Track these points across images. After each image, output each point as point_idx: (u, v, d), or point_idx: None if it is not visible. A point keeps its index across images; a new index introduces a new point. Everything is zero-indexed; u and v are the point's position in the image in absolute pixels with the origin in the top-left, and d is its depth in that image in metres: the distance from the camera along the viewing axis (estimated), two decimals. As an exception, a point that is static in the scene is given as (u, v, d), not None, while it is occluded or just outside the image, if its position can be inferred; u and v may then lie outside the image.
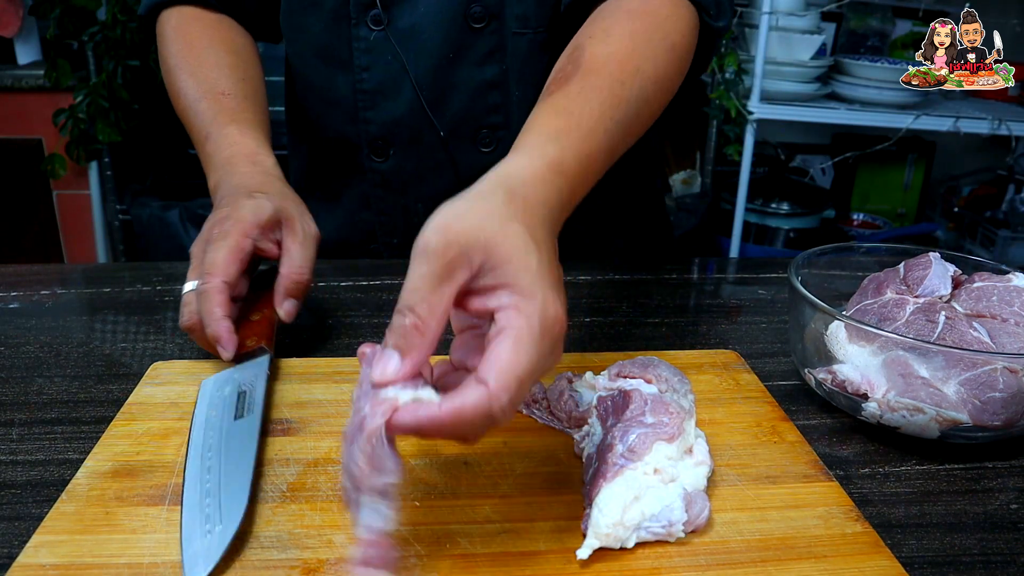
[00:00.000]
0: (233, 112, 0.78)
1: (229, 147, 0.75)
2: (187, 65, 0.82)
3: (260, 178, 0.72)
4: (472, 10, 0.81)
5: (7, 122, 2.17)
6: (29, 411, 0.61)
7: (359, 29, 0.83)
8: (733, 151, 2.13)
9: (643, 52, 0.63)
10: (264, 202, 0.67)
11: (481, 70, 0.84)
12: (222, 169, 0.73)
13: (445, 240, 0.43)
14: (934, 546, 0.50)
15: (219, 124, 0.77)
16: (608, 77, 0.59)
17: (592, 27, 0.66)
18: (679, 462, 0.51)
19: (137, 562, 0.45)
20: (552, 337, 0.43)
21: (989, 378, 0.56)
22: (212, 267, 0.63)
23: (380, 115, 0.86)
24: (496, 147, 0.87)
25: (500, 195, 0.46)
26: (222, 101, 0.79)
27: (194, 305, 0.63)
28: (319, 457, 0.55)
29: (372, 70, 0.85)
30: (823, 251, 0.73)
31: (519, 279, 0.43)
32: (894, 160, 2.64)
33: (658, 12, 0.67)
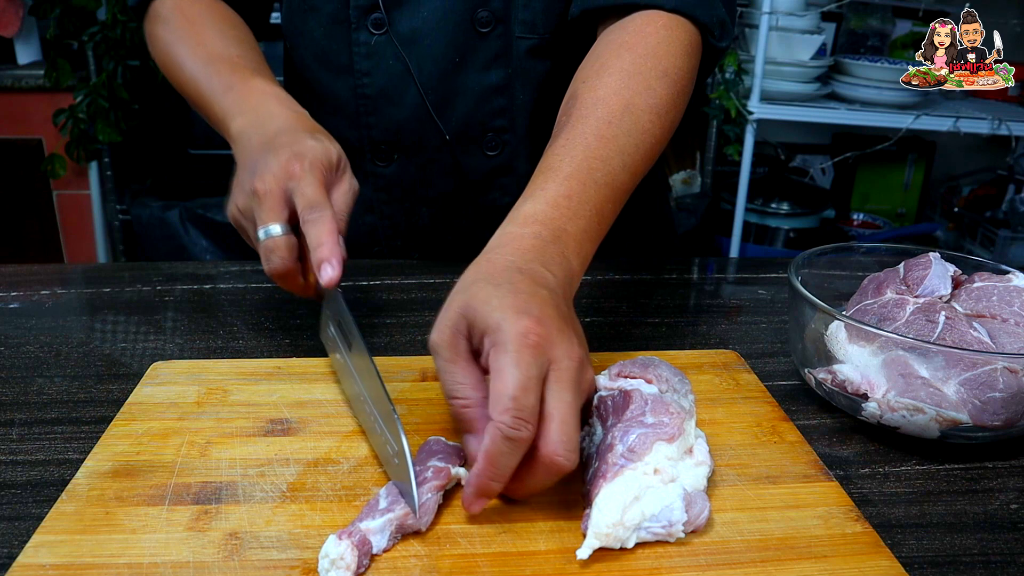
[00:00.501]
0: (252, 70, 0.76)
1: (259, 93, 0.71)
2: (190, 37, 0.80)
3: (307, 121, 0.69)
4: (479, 15, 0.81)
5: (7, 122, 2.16)
6: (29, 411, 0.61)
7: (359, 33, 0.83)
8: (733, 151, 2.14)
9: (634, 86, 0.65)
10: (328, 144, 0.65)
11: (487, 74, 0.84)
12: (254, 112, 0.69)
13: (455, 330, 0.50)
14: (934, 546, 0.50)
15: (241, 77, 0.73)
16: (596, 121, 0.63)
17: (587, 69, 0.69)
18: (679, 462, 0.51)
19: (137, 562, 0.45)
20: (529, 346, 0.47)
21: (989, 378, 0.56)
22: (315, 201, 0.60)
23: (383, 120, 0.86)
24: (501, 151, 0.87)
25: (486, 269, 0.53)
26: (237, 61, 0.76)
27: (285, 248, 0.60)
28: (319, 457, 0.55)
29: (374, 75, 0.84)
30: (823, 251, 0.73)
31: (488, 321, 0.48)
32: (894, 160, 2.64)
33: (650, 40, 0.69)
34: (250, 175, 0.62)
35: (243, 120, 0.70)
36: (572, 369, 0.48)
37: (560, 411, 0.47)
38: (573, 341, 0.49)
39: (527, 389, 0.46)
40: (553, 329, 0.48)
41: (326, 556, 0.44)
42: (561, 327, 0.49)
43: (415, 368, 0.66)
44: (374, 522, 0.46)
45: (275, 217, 0.60)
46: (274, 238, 0.60)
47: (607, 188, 0.60)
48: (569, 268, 0.56)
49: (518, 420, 0.45)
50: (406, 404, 0.61)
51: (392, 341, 0.74)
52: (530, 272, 0.52)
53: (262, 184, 0.61)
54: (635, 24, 0.71)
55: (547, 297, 0.50)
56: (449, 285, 0.87)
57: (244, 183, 0.63)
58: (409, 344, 0.73)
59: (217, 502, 0.50)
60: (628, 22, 0.71)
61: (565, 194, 0.58)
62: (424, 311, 0.80)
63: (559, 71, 0.84)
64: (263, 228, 0.60)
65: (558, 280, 0.53)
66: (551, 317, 0.49)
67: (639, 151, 0.64)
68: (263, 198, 0.61)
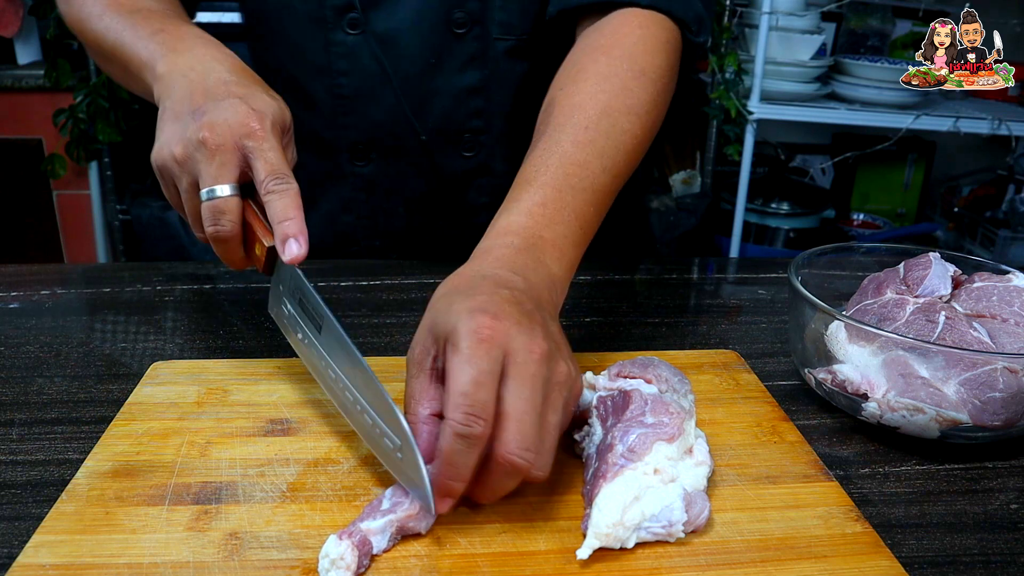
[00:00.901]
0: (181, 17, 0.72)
1: (195, 37, 0.66)
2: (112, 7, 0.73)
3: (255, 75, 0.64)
4: (455, 16, 0.81)
5: (7, 122, 2.16)
6: (29, 411, 0.61)
7: (335, 34, 0.82)
8: (733, 151, 2.13)
9: (611, 89, 0.65)
10: (284, 107, 0.61)
11: (463, 76, 0.83)
12: (190, 53, 0.63)
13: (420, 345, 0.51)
14: (934, 546, 0.50)
15: (173, 23, 0.69)
16: (572, 127, 0.63)
17: (564, 75, 0.69)
18: (679, 462, 0.51)
19: (137, 562, 0.45)
20: (481, 340, 0.46)
21: (989, 378, 0.56)
22: (281, 169, 0.56)
23: (360, 120, 0.85)
24: (478, 152, 0.87)
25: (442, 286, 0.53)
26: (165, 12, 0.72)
27: (235, 212, 0.57)
28: (319, 457, 0.55)
29: (350, 75, 0.84)
30: (823, 251, 0.73)
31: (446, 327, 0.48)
32: (894, 160, 2.64)
33: (626, 41, 0.69)
34: (196, 122, 0.56)
35: (176, 59, 0.63)
36: (532, 363, 0.46)
37: (516, 407, 0.45)
38: (535, 335, 0.47)
39: (479, 384, 0.44)
40: (509, 323, 0.47)
41: (326, 556, 0.44)
42: (520, 320, 0.47)
43: (415, 368, 0.66)
44: (375, 522, 0.46)
45: (226, 175, 0.56)
46: (224, 199, 0.56)
47: (587, 192, 0.60)
48: (546, 273, 0.55)
49: (469, 416, 0.44)
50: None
51: (392, 341, 0.74)
52: (494, 277, 0.51)
53: (214, 136, 0.55)
54: (611, 25, 0.71)
55: (507, 296, 0.49)
56: (449, 285, 0.86)
57: (187, 129, 0.56)
58: (409, 344, 0.73)
59: (217, 502, 0.50)
60: (604, 23, 0.71)
61: (540, 202, 0.58)
62: (424, 311, 0.80)
63: (537, 72, 0.84)
64: (211, 187, 0.55)
65: (528, 283, 0.52)
66: (508, 313, 0.47)
67: (619, 152, 0.64)
68: (213, 151, 0.55)
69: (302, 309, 0.56)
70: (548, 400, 0.47)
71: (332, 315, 0.53)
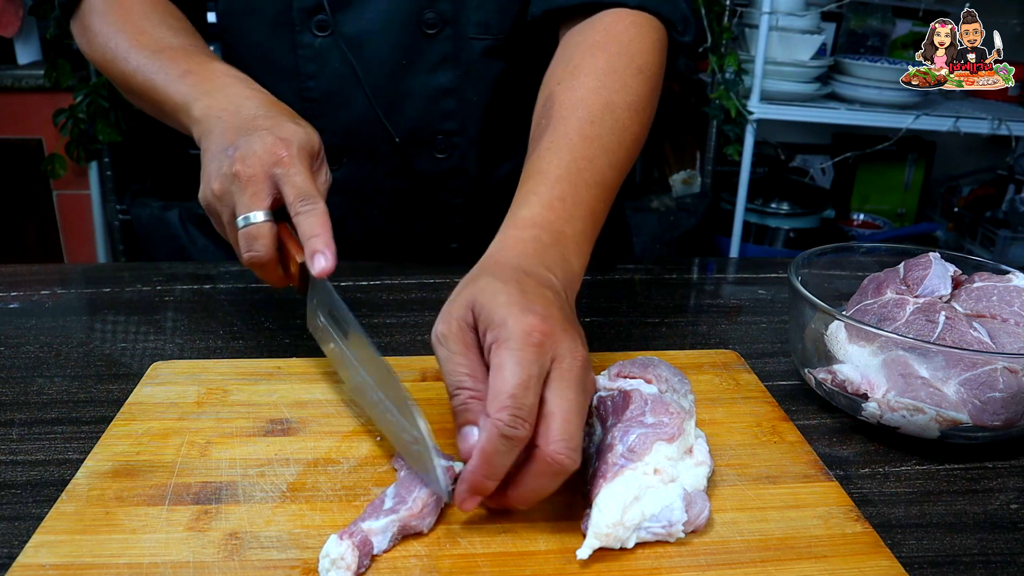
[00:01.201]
0: (208, 55, 0.73)
1: (222, 76, 0.68)
2: (131, 27, 0.75)
3: (284, 106, 0.66)
4: (426, 16, 0.80)
5: (7, 122, 2.16)
6: (29, 411, 0.61)
7: (303, 36, 0.81)
8: (733, 151, 2.13)
9: (611, 85, 0.65)
10: (312, 133, 0.63)
11: (435, 76, 0.82)
12: (222, 94, 0.66)
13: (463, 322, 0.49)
14: (934, 546, 0.50)
15: (199, 62, 0.70)
16: (577, 121, 0.63)
17: (560, 69, 0.68)
18: (679, 462, 0.51)
19: (137, 562, 0.45)
20: (532, 344, 0.46)
21: (989, 378, 0.56)
22: (308, 191, 0.59)
23: (330, 124, 0.84)
24: (451, 153, 0.86)
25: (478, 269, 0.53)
26: (188, 49, 0.72)
27: (269, 237, 0.59)
28: (319, 457, 0.55)
29: (319, 78, 0.82)
30: (823, 251, 0.73)
31: (494, 316, 0.47)
32: (894, 160, 2.64)
33: (622, 38, 0.69)
34: (228, 157, 0.60)
35: (209, 101, 0.66)
36: (576, 368, 0.47)
37: (562, 409, 0.46)
38: (577, 341, 0.49)
39: (527, 387, 0.45)
40: (557, 328, 0.48)
41: (326, 556, 0.44)
42: (565, 327, 0.49)
43: (415, 368, 0.66)
44: (377, 522, 0.46)
45: (259, 203, 0.58)
46: (257, 225, 0.58)
47: (597, 188, 0.61)
48: (570, 270, 0.56)
49: (516, 418, 0.45)
50: (406, 404, 0.61)
51: (392, 341, 0.74)
52: (535, 274, 0.52)
53: (245, 168, 0.58)
54: (604, 23, 0.70)
55: (552, 298, 0.50)
56: (449, 285, 0.87)
57: (222, 166, 0.60)
58: (409, 344, 0.73)
59: (217, 502, 0.50)
60: (596, 21, 0.71)
61: (559, 196, 0.58)
62: (424, 311, 0.80)
63: (514, 72, 0.83)
64: (245, 215, 0.58)
65: (560, 282, 0.53)
66: (555, 317, 0.48)
67: (622, 148, 0.64)
68: (246, 183, 0.58)
69: (332, 319, 0.58)
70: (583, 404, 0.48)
71: (355, 319, 0.55)
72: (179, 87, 0.68)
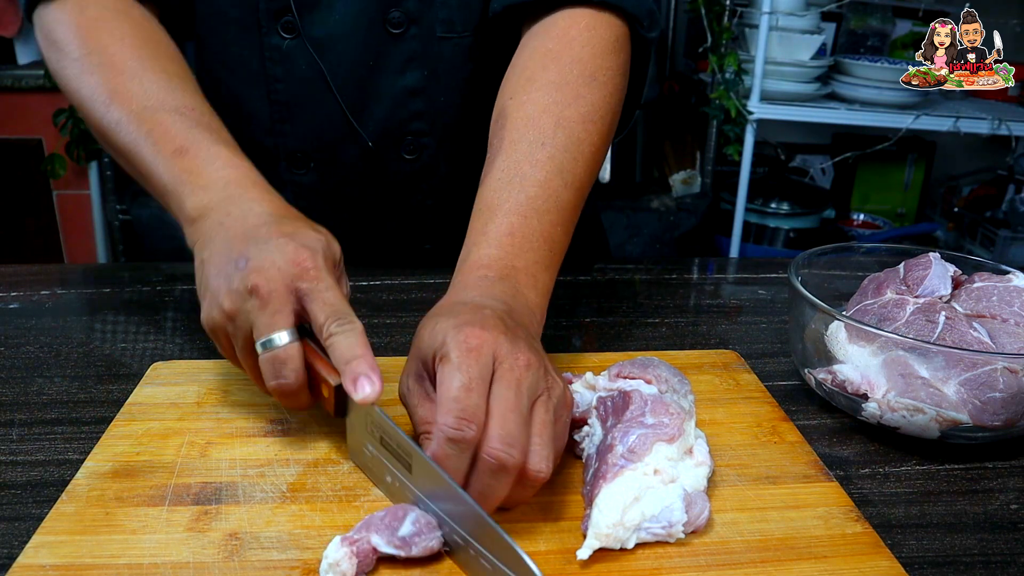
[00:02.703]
0: (209, 128, 0.63)
1: (227, 167, 0.60)
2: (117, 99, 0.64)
3: (295, 211, 0.60)
4: (391, 15, 0.79)
5: (7, 122, 2.17)
6: (29, 411, 0.61)
7: (270, 38, 0.79)
8: (733, 151, 2.13)
9: (563, 99, 0.65)
10: (332, 242, 0.57)
11: (402, 77, 0.81)
12: (223, 190, 0.58)
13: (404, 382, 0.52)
14: (934, 546, 0.50)
15: (199, 140, 0.61)
16: (528, 145, 0.63)
17: (512, 82, 0.68)
18: (679, 463, 0.51)
19: (137, 563, 0.45)
20: (470, 350, 0.47)
21: (989, 378, 0.56)
22: (342, 309, 0.52)
23: (298, 127, 0.83)
24: (420, 154, 0.85)
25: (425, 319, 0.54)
26: (183, 113, 0.63)
27: (299, 359, 0.52)
28: (319, 457, 0.55)
29: (286, 81, 0.81)
30: (823, 251, 0.73)
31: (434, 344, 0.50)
32: (894, 160, 2.64)
33: (575, 45, 0.68)
34: (240, 271, 0.52)
35: (207, 199, 0.58)
36: (517, 368, 0.48)
37: (499, 408, 0.46)
38: (520, 345, 0.49)
39: (469, 389, 0.46)
40: (496, 332, 0.49)
41: (326, 558, 0.44)
42: (505, 332, 0.49)
43: (415, 368, 0.66)
44: (387, 547, 0.45)
45: (283, 322, 0.51)
46: (285, 347, 0.51)
47: (552, 213, 0.61)
48: (525, 302, 0.56)
49: (460, 420, 0.45)
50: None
51: (392, 341, 0.74)
52: (472, 302, 0.53)
53: (264, 281, 0.51)
54: (558, 28, 0.70)
55: (489, 313, 0.51)
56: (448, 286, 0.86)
57: (233, 281, 0.52)
58: (409, 344, 0.73)
59: (217, 502, 0.50)
60: (551, 25, 0.70)
61: (507, 232, 0.59)
62: (424, 311, 0.79)
63: (483, 73, 0.83)
64: (268, 336, 0.51)
65: (508, 307, 0.53)
66: (494, 325, 0.49)
67: (579, 163, 0.64)
68: (266, 299, 0.51)
69: (385, 448, 0.50)
70: (537, 402, 0.48)
71: (417, 447, 0.48)
72: (170, 168, 0.60)
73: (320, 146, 0.84)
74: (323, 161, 0.85)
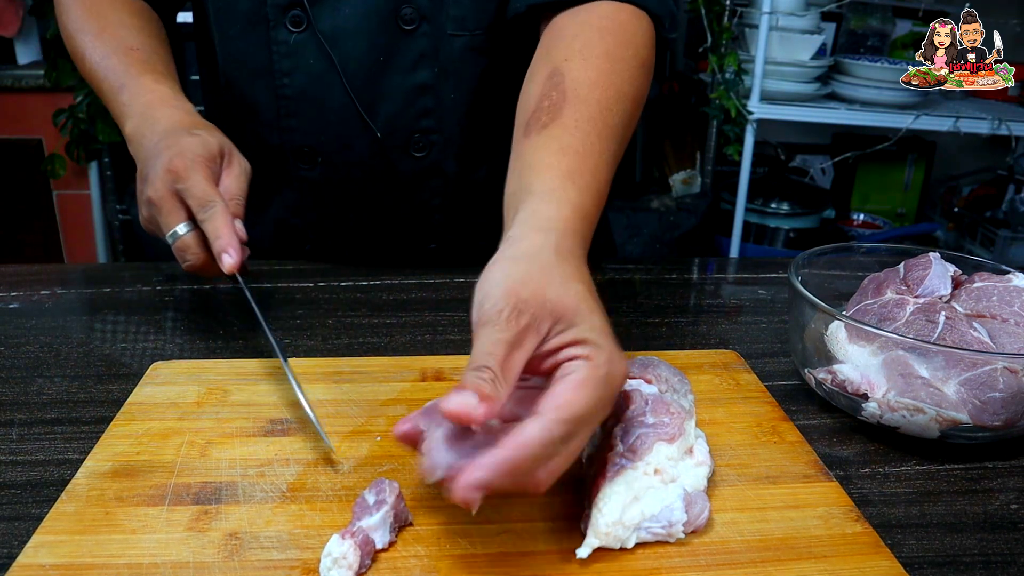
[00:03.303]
0: (144, 64, 0.77)
1: (147, 93, 0.73)
2: (90, 27, 0.80)
3: (188, 118, 0.71)
4: (403, 12, 0.78)
5: (7, 122, 2.17)
6: (29, 411, 0.61)
7: (277, 32, 0.80)
8: (733, 151, 2.13)
9: (622, 74, 0.64)
10: (207, 137, 0.68)
11: (413, 74, 0.81)
12: (141, 116, 0.72)
13: (516, 309, 0.43)
14: (934, 546, 0.50)
15: (132, 75, 0.75)
16: (596, 105, 0.60)
17: (566, 47, 0.65)
18: (679, 462, 0.51)
19: (137, 562, 0.45)
20: (612, 388, 0.44)
21: (989, 378, 0.56)
22: (207, 195, 0.63)
23: (304, 123, 0.83)
24: (429, 152, 0.85)
25: (549, 253, 0.48)
26: (132, 55, 0.77)
27: (195, 246, 0.64)
28: (319, 457, 0.55)
29: (294, 75, 0.81)
30: (823, 251, 0.73)
31: (588, 336, 0.44)
32: (894, 160, 2.64)
33: (626, 28, 0.68)
34: (143, 184, 0.66)
35: (133, 123, 0.72)
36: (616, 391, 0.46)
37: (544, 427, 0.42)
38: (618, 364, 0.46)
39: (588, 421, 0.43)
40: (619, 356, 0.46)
41: (329, 555, 0.44)
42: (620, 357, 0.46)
43: (415, 368, 0.66)
44: (372, 518, 0.46)
45: (176, 219, 0.64)
46: (182, 238, 0.64)
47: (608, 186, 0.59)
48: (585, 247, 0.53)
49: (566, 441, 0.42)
50: (406, 404, 0.61)
51: (392, 341, 0.74)
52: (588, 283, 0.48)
53: (154, 192, 0.64)
54: (603, 9, 0.69)
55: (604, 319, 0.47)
56: (449, 285, 0.87)
57: (142, 194, 0.66)
58: (409, 344, 0.73)
59: (217, 502, 0.50)
60: (592, 9, 0.69)
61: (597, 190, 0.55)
62: (424, 311, 0.80)
63: (494, 72, 0.82)
64: (169, 232, 0.64)
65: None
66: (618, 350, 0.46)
67: (624, 144, 0.63)
68: (159, 204, 0.64)
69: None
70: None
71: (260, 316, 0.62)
72: (117, 101, 0.74)
73: (327, 141, 0.84)
74: (330, 157, 0.85)
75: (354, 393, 0.63)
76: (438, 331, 0.76)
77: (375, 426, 0.58)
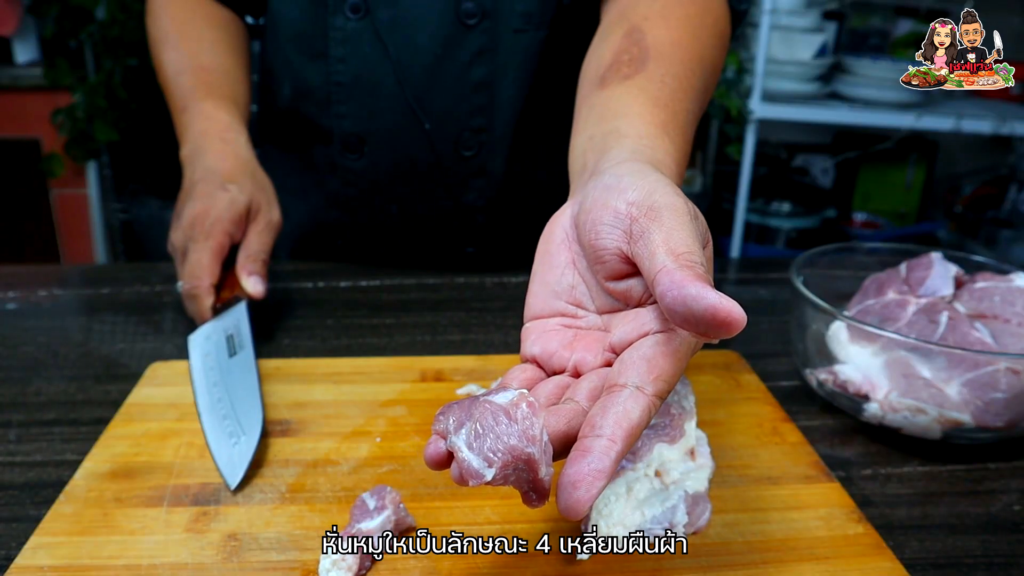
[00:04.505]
0: (210, 86, 0.80)
1: (204, 120, 0.77)
2: (170, 38, 0.83)
3: (231, 162, 0.74)
4: (464, 6, 0.78)
5: (5, 121, 2.16)
6: (27, 412, 0.61)
7: (335, 18, 0.80)
8: (734, 151, 2.13)
9: (703, 40, 0.61)
10: (238, 195, 0.71)
11: (470, 70, 0.80)
12: (194, 144, 0.76)
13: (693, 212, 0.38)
14: (936, 547, 0.50)
15: (196, 98, 0.79)
16: (680, 65, 0.56)
17: (645, 7, 0.62)
18: (680, 463, 0.50)
19: (136, 563, 0.45)
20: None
21: (991, 379, 0.56)
22: (200, 270, 0.68)
23: (354, 109, 0.83)
24: (477, 151, 0.84)
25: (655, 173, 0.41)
26: (201, 75, 0.80)
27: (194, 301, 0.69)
28: (318, 458, 0.55)
29: (348, 61, 0.81)
30: (824, 251, 0.73)
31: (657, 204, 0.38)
32: (896, 160, 2.63)
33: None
34: (176, 219, 0.72)
35: (187, 149, 0.77)
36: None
37: None
38: None
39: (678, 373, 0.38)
40: None
41: (328, 556, 0.44)
42: None
43: (415, 368, 0.66)
44: (373, 523, 0.46)
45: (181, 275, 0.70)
46: (187, 290, 0.69)
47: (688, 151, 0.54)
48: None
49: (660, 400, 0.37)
50: (406, 405, 0.61)
51: (392, 341, 0.74)
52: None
53: (175, 237, 0.71)
54: None
55: None
56: (450, 286, 0.86)
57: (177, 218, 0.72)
58: (409, 344, 0.73)
59: (216, 503, 0.50)
60: None
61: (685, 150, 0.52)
62: (424, 311, 0.80)
63: (550, 68, 0.82)
64: (179, 280, 0.70)
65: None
66: None
67: (702, 111, 0.59)
68: (174, 255, 0.72)
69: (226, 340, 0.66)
70: None
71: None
72: (179, 120, 0.79)
73: (375, 131, 0.84)
74: (377, 147, 0.85)
75: (354, 394, 0.62)
76: (438, 331, 0.75)
77: (375, 427, 0.58)
